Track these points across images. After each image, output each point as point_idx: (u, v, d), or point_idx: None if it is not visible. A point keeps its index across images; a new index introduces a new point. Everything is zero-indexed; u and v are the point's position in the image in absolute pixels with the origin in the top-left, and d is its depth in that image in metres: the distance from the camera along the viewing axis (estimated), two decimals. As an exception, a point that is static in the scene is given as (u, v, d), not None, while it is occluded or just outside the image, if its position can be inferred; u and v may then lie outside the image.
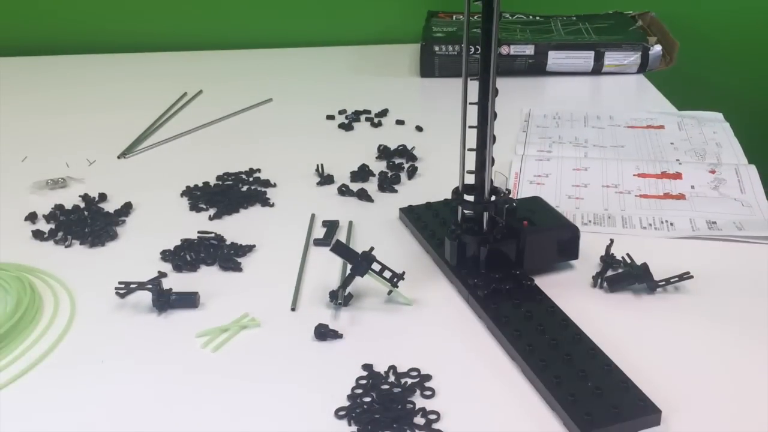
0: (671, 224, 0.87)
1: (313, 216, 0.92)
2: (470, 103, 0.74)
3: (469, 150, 0.76)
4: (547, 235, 0.78)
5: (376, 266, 0.75)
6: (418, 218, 0.89)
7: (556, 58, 1.36)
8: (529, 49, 1.36)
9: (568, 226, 0.79)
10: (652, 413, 0.59)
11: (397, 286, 0.75)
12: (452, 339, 0.71)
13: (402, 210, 0.91)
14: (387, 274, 0.75)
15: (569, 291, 0.76)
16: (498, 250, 0.77)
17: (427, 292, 0.77)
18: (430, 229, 0.86)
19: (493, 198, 0.77)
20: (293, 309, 0.75)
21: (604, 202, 0.93)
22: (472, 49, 0.72)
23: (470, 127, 0.75)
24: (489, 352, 0.69)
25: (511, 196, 0.78)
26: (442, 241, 0.81)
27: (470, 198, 0.77)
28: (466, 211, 0.78)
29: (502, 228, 0.77)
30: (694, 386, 0.64)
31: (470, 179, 0.77)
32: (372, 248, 0.76)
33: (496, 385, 0.65)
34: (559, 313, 0.71)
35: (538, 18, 1.51)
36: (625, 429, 0.59)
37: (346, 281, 0.75)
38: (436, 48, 1.37)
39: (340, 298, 0.75)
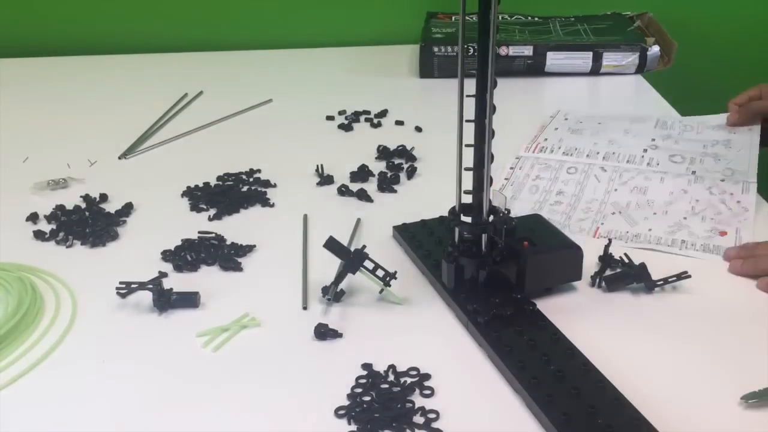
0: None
1: (305, 216, 0.92)
2: (467, 121, 0.71)
3: (466, 169, 0.73)
4: (549, 256, 0.74)
5: (369, 264, 0.75)
6: (412, 237, 0.85)
7: (554, 59, 1.36)
8: (527, 50, 1.36)
9: (570, 245, 0.75)
10: None
11: (389, 285, 0.76)
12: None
13: (396, 228, 0.88)
14: (380, 272, 0.75)
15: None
16: (497, 273, 0.74)
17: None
18: (426, 249, 0.82)
19: (491, 218, 0.73)
20: (305, 308, 0.76)
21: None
22: (471, 50, 0.70)
23: (467, 145, 0.72)
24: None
25: (511, 214, 0.74)
26: (438, 263, 0.77)
27: (467, 219, 0.74)
28: (465, 233, 0.74)
29: (502, 249, 0.74)
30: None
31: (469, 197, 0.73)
32: (364, 246, 0.76)
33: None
34: (564, 340, 0.67)
35: (536, 19, 1.51)
36: None
37: (338, 278, 0.76)
38: (435, 49, 1.37)
39: (331, 293, 0.75)
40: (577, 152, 1.06)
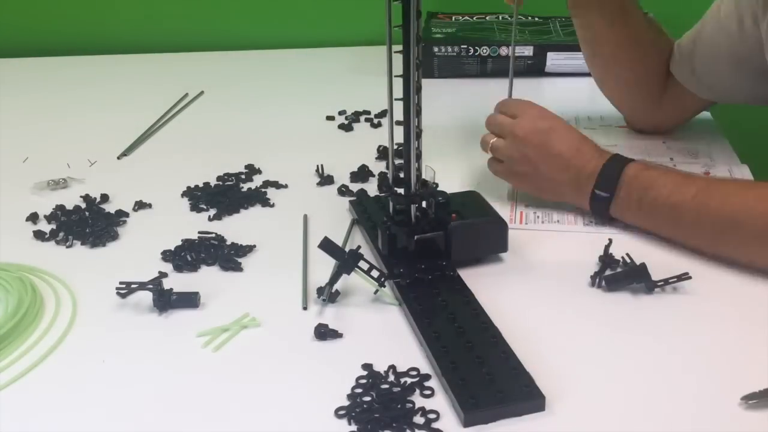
0: None
1: (305, 217, 0.92)
2: (396, 99, 0.77)
3: (397, 144, 0.79)
4: (474, 228, 0.80)
5: (363, 265, 0.76)
6: (363, 210, 0.91)
7: (555, 59, 1.36)
8: (528, 50, 1.36)
9: (496, 219, 0.81)
10: (537, 398, 0.62)
11: (384, 286, 0.76)
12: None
13: (351, 203, 0.94)
14: (374, 273, 0.76)
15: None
16: (425, 242, 0.79)
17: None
18: (373, 221, 0.88)
19: (421, 191, 0.79)
20: (305, 308, 0.76)
21: None
22: (472, 50, 0.72)
23: (397, 123, 0.78)
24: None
25: (440, 188, 0.81)
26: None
27: (401, 191, 0.80)
28: (398, 205, 0.80)
29: (431, 220, 0.80)
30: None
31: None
32: (359, 246, 0.76)
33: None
34: (474, 302, 0.74)
35: (537, 19, 1.51)
36: (508, 412, 0.62)
37: (333, 278, 0.76)
38: (435, 49, 1.37)
39: (326, 294, 0.75)
40: None
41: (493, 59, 1.36)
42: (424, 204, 0.80)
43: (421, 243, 0.79)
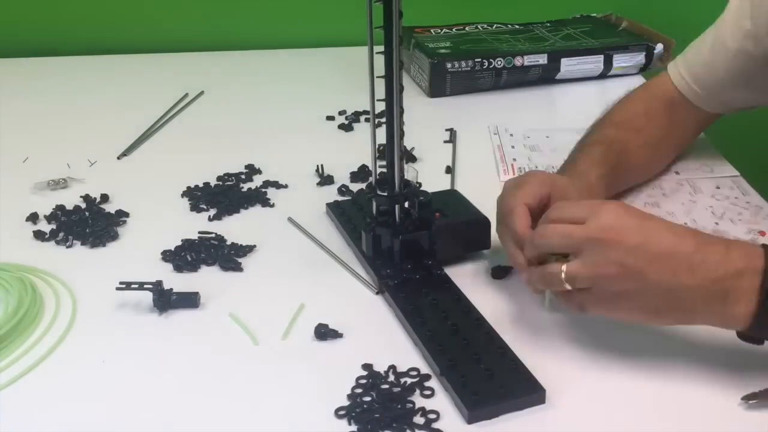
0: None
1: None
2: (378, 100, 0.78)
3: (380, 146, 0.80)
4: (457, 226, 0.81)
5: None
6: (342, 213, 0.91)
7: (568, 65, 1.33)
8: (542, 59, 1.32)
9: (478, 217, 0.81)
10: (537, 392, 0.63)
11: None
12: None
13: (328, 205, 0.93)
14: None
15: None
16: (410, 241, 0.79)
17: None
18: (353, 223, 0.88)
19: (404, 191, 0.79)
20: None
21: None
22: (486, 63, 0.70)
23: (380, 123, 0.78)
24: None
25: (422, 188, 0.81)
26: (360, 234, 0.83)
27: (384, 193, 0.80)
28: (381, 206, 0.80)
29: (415, 220, 0.79)
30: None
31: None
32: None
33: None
34: (464, 300, 0.74)
35: (517, 26, 1.47)
36: (511, 407, 0.62)
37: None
38: (449, 65, 1.29)
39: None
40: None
41: (508, 70, 1.31)
42: (406, 204, 0.80)
43: (406, 243, 0.79)
